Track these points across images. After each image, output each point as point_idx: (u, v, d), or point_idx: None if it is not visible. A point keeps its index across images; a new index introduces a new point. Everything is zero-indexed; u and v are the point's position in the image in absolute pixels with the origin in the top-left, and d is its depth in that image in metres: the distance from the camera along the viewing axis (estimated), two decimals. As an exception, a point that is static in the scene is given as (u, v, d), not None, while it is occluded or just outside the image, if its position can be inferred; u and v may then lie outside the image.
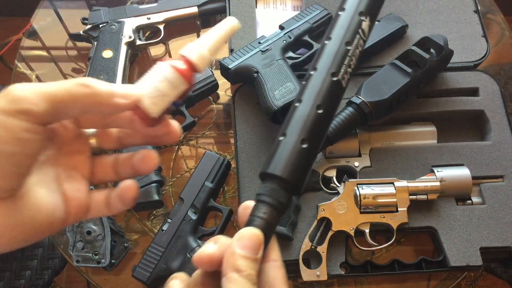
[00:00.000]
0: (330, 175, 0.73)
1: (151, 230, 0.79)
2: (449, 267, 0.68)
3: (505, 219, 0.70)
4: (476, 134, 0.80)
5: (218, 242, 0.37)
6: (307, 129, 0.43)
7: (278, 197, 0.40)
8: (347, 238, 0.70)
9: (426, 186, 0.69)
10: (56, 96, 0.33)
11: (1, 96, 0.32)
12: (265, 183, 0.41)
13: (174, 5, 0.95)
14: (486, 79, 0.81)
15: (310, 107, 0.44)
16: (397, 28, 0.82)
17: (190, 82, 0.38)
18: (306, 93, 0.46)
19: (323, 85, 0.45)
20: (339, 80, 0.46)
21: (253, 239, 0.36)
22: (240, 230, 0.37)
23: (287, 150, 0.42)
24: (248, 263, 0.35)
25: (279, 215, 0.40)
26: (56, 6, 1.05)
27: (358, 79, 0.80)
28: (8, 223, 0.35)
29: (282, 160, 0.41)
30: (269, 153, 0.43)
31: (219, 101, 0.91)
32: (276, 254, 0.39)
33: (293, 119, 0.44)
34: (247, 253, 0.35)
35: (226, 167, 0.77)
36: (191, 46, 0.39)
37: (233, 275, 0.34)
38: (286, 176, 0.40)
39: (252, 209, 0.39)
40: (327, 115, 0.45)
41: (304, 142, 0.42)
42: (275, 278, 0.38)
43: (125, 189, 0.40)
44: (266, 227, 0.38)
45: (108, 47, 0.89)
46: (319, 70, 0.47)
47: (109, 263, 0.73)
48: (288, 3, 0.93)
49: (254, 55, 0.77)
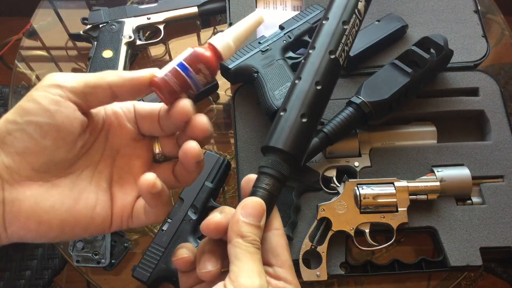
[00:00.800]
0: (330, 175, 0.73)
1: (151, 230, 0.79)
2: (449, 267, 0.68)
3: (505, 219, 0.70)
4: (476, 134, 0.80)
5: (224, 211, 0.40)
6: (306, 104, 0.45)
7: (280, 168, 0.41)
8: (347, 238, 0.70)
9: (426, 186, 0.69)
10: (87, 79, 0.37)
11: (42, 80, 0.37)
12: (267, 156, 0.43)
13: (174, 5, 0.95)
14: (486, 79, 0.81)
15: (309, 84, 0.46)
16: (397, 28, 0.82)
17: (214, 69, 0.39)
18: (305, 71, 0.48)
19: (321, 62, 0.48)
20: (337, 58, 0.49)
21: (256, 208, 0.38)
22: (244, 200, 0.39)
23: (287, 124, 0.44)
24: (252, 230, 0.37)
25: (281, 186, 0.42)
26: (56, 6, 1.05)
27: (358, 79, 0.80)
28: (52, 204, 0.37)
29: (283, 134, 0.43)
30: (271, 128, 0.44)
31: (219, 101, 0.90)
32: (278, 223, 0.42)
33: (293, 95, 0.46)
34: (251, 221, 0.38)
35: (226, 167, 0.77)
36: (219, 36, 0.40)
37: (238, 240, 0.37)
38: (287, 149, 0.42)
39: (255, 181, 0.41)
40: (325, 91, 0.47)
41: (304, 117, 0.44)
42: (278, 245, 0.40)
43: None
44: (268, 197, 0.40)
45: (108, 47, 0.89)
46: (318, 48, 0.49)
47: (109, 263, 0.73)
48: (288, 3, 0.93)
49: (254, 55, 0.77)
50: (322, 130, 0.69)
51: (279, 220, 0.42)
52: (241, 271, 0.35)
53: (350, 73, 0.81)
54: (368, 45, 0.79)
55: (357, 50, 0.78)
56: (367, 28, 0.82)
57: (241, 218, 0.38)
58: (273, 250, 0.40)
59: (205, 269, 0.38)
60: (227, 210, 0.40)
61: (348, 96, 0.73)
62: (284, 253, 0.40)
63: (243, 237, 0.37)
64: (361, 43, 0.79)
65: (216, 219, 0.39)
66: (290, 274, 0.39)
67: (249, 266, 0.36)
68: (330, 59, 0.48)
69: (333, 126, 0.69)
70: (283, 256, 0.40)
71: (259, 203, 0.39)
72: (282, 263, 0.39)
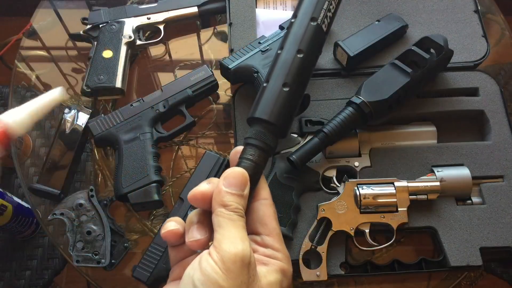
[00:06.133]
0: (330, 175, 0.73)
1: (151, 230, 0.79)
2: (449, 267, 0.68)
3: (505, 219, 0.70)
4: (476, 134, 0.80)
5: (211, 182, 0.40)
6: (288, 73, 0.45)
7: (264, 139, 0.42)
8: (347, 238, 0.70)
9: (426, 186, 0.69)
10: None
11: None
12: (252, 127, 0.43)
13: (174, 5, 0.95)
14: (486, 79, 0.81)
15: (291, 53, 0.46)
16: (397, 28, 0.82)
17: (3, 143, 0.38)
18: (288, 40, 0.47)
19: (303, 30, 0.47)
20: (319, 25, 0.48)
21: (237, 177, 0.39)
22: (226, 171, 0.40)
23: (270, 94, 0.44)
24: (234, 199, 0.38)
25: (267, 157, 0.42)
26: (56, 6, 1.05)
27: (358, 79, 0.80)
28: None
29: (266, 104, 0.44)
30: (255, 99, 0.45)
31: (219, 101, 0.90)
32: (266, 193, 0.42)
33: (275, 66, 0.46)
34: (233, 190, 0.38)
35: (226, 167, 0.77)
36: (11, 111, 0.40)
37: (221, 210, 0.38)
38: (269, 119, 0.43)
39: (241, 153, 0.42)
40: (309, 59, 0.47)
41: (286, 86, 0.44)
42: (266, 214, 0.41)
43: None
44: (253, 167, 0.41)
45: (108, 47, 0.89)
46: (299, 16, 0.49)
47: (109, 263, 0.73)
48: (288, 3, 0.93)
49: (254, 55, 0.77)
50: (322, 130, 0.69)
51: (267, 190, 0.43)
52: (224, 238, 0.36)
53: (350, 73, 0.81)
54: (368, 45, 0.79)
55: (357, 50, 0.78)
56: (367, 28, 0.82)
57: (223, 188, 0.38)
58: (261, 219, 0.41)
59: (193, 238, 0.39)
60: (215, 180, 0.40)
61: (348, 96, 0.73)
62: (272, 222, 0.41)
63: (226, 206, 0.38)
64: (361, 43, 0.79)
65: (201, 189, 0.40)
66: (277, 242, 0.40)
67: (231, 233, 0.37)
68: (312, 26, 0.47)
69: (333, 126, 0.68)
70: (270, 225, 0.41)
71: (240, 172, 0.39)
72: (269, 231, 0.40)
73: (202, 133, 0.87)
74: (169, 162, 0.85)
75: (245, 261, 0.35)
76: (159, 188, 0.75)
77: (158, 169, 0.76)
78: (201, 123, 0.88)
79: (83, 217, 0.75)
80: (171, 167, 0.85)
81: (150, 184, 0.74)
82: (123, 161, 0.76)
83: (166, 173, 0.83)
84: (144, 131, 0.79)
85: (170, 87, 0.83)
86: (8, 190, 0.92)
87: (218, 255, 0.35)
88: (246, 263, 0.35)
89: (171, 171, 0.84)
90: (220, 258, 0.35)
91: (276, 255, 0.40)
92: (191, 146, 0.87)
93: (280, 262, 0.39)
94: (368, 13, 0.87)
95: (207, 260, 0.35)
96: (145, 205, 0.75)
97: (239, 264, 0.35)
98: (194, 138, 0.87)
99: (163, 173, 0.79)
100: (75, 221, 0.75)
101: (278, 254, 0.40)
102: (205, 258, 0.36)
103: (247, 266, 0.36)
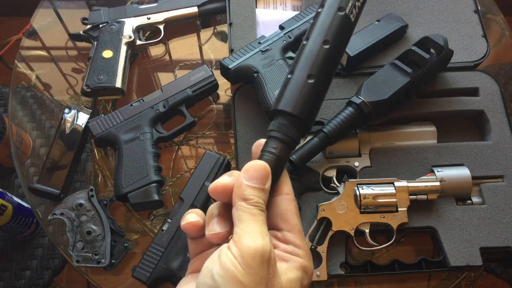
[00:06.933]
0: (330, 175, 0.73)
1: (151, 230, 0.79)
2: (449, 267, 0.68)
3: (505, 219, 0.70)
4: (476, 134, 0.80)
5: (232, 175, 0.39)
6: (313, 65, 0.43)
7: (287, 131, 0.41)
8: (347, 238, 0.70)
9: (426, 186, 0.69)
10: None
11: None
12: (274, 120, 0.42)
13: (174, 5, 0.95)
14: (486, 79, 0.80)
15: (317, 44, 0.44)
16: (397, 28, 0.82)
17: None
18: (314, 31, 0.45)
19: (330, 20, 0.45)
20: (347, 15, 0.46)
21: (258, 171, 0.38)
22: (247, 163, 0.38)
23: (294, 86, 0.43)
24: (255, 193, 0.37)
25: (289, 150, 0.41)
26: (56, 6, 1.05)
27: (358, 79, 0.80)
28: None
29: (290, 96, 0.42)
30: (279, 91, 0.43)
31: (219, 101, 0.91)
32: (288, 187, 0.41)
33: (300, 57, 0.44)
34: (254, 183, 0.37)
35: (226, 167, 0.77)
36: None
37: (241, 203, 0.37)
38: (293, 111, 0.41)
39: (263, 146, 0.41)
40: (335, 51, 0.45)
41: (311, 78, 0.43)
42: (287, 209, 0.40)
43: None
44: (275, 160, 0.39)
45: (108, 47, 0.89)
46: (326, 6, 0.46)
47: (109, 263, 0.73)
48: (288, 3, 0.93)
49: (254, 55, 0.77)
50: (322, 130, 0.69)
51: (289, 185, 0.41)
52: (243, 232, 0.35)
53: (350, 73, 0.81)
54: (368, 45, 0.79)
55: (357, 50, 0.78)
56: (367, 28, 0.82)
57: (244, 181, 0.37)
58: (282, 215, 0.40)
59: (213, 231, 0.38)
60: (236, 173, 0.39)
61: (348, 96, 0.73)
62: (294, 218, 0.40)
63: (246, 200, 0.37)
64: (361, 43, 0.79)
65: (223, 182, 0.39)
66: (299, 239, 0.39)
67: (251, 227, 0.36)
68: (339, 16, 0.45)
69: (333, 126, 0.68)
70: (292, 221, 0.39)
71: (262, 166, 0.38)
72: (291, 227, 0.39)
73: (202, 133, 0.87)
74: (169, 162, 0.85)
75: (265, 256, 0.35)
76: (159, 188, 0.75)
77: (158, 169, 0.76)
78: (201, 123, 0.88)
79: (83, 217, 0.75)
80: (171, 167, 0.85)
81: (150, 184, 0.74)
82: (123, 161, 0.76)
83: (166, 173, 0.83)
84: (144, 131, 0.79)
85: (170, 87, 0.83)
86: (8, 190, 0.92)
87: (238, 250, 0.35)
88: (266, 259, 0.35)
89: (171, 171, 0.84)
90: (239, 253, 0.34)
91: (298, 252, 0.39)
92: (191, 146, 0.87)
93: (301, 259, 0.38)
94: (368, 13, 0.87)
95: (227, 254, 0.35)
96: (145, 205, 0.75)
97: (258, 260, 0.34)
98: (194, 138, 0.87)
99: (163, 173, 0.80)
100: (75, 221, 0.75)
101: (300, 251, 0.39)
102: (224, 252, 0.35)
103: (267, 262, 0.35)
